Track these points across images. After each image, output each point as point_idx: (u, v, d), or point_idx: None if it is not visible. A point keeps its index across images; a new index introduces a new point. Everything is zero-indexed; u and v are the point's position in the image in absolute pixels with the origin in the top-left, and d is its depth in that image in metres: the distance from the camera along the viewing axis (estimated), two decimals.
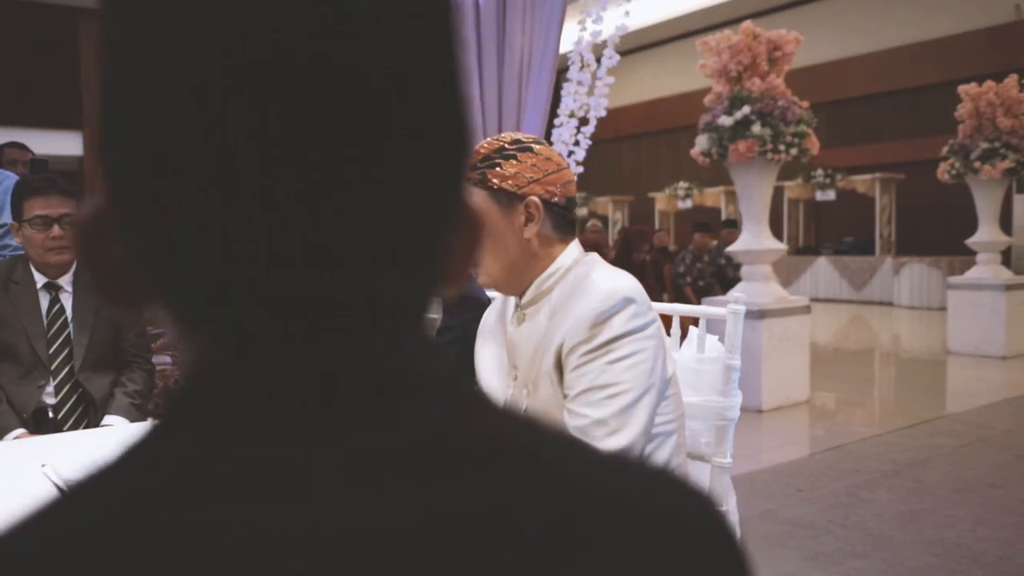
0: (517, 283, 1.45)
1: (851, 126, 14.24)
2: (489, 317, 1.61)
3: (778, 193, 13.71)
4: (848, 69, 14.25)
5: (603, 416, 1.29)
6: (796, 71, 14.01)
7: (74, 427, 2.31)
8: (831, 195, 13.38)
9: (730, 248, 5.72)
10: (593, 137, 4.09)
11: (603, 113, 4.01)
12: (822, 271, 13.15)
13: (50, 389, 2.31)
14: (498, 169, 1.40)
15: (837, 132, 14.16)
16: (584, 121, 4.04)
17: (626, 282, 1.35)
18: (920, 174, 11.58)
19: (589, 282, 1.36)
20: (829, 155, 13.79)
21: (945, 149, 7.45)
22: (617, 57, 3.99)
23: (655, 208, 16.31)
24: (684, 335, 1.70)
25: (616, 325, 1.31)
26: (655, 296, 6.12)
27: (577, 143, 4.05)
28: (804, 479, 3.82)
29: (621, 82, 18.97)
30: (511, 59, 3.86)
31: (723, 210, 14.11)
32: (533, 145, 1.42)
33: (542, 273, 1.43)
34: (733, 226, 7.92)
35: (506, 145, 1.42)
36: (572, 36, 4.02)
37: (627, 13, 3.83)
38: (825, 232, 14.74)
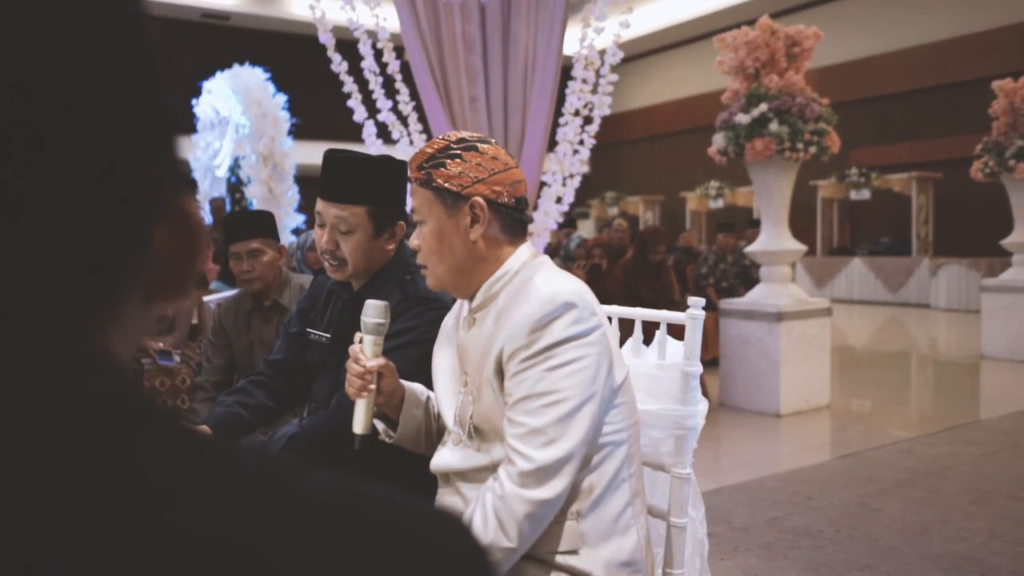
0: (465, 286, 1.41)
1: (886, 124, 13.93)
2: (448, 320, 1.57)
3: (811, 192, 13.45)
4: (883, 66, 13.93)
5: (540, 425, 1.24)
6: (829, 68, 13.76)
7: None
8: (866, 194, 13.09)
9: (748, 249, 5.61)
10: (625, 136, 4.07)
11: (607, 111, 3.94)
12: (857, 272, 12.87)
13: None
14: (443, 169, 1.36)
15: (872, 130, 13.86)
16: (588, 120, 3.97)
17: (568, 286, 1.30)
18: (958, 173, 11.26)
19: (531, 286, 1.32)
20: (864, 153, 13.51)
21: (979, 147, 7.22)
22: (620, 54, 3.92)
23: (686, 208, 16.12)
24: (648, 340, 1.64)
25: (556, 331, 1.26)
26: (677, 298, 6.02)
27: (582, 142, 3.99)
28: (815, 487, 3.72)
29: (654, 80, 18.85)
30: (516, 57, 3.82)
31: (755, 210, 13.88)
32: (479, 144, 1.38)
33: (491, 276, 1.39)
34: (759, 226, 7.77)
35: (452, 144, 1.38)
36: (576, 36, 3.97)
37: (630, 9, 3.76)
38: (860, 232, 14.42)
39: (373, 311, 1.43)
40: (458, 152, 1.37)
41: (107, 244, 0.34)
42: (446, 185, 1.35)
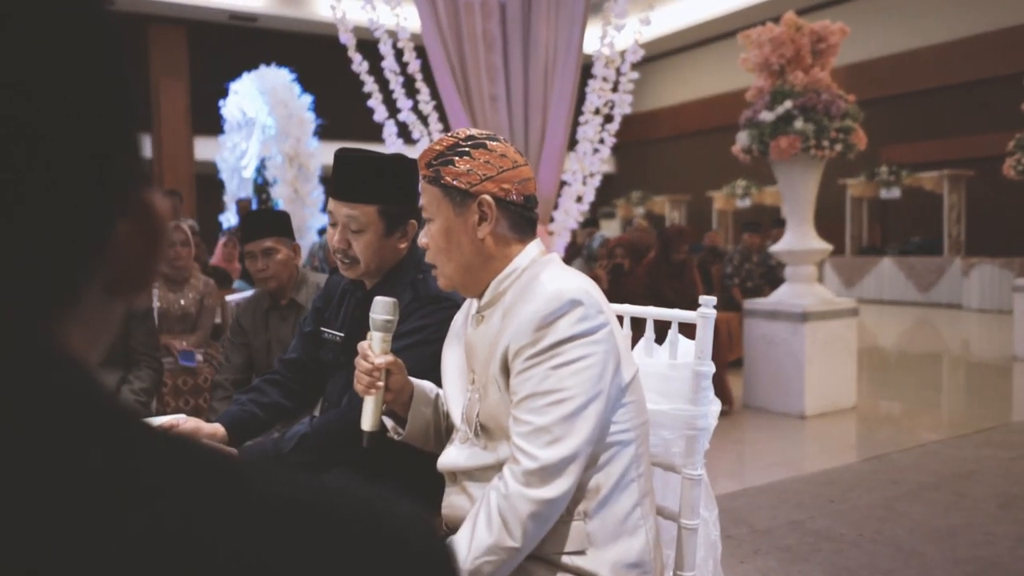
0: (474, 284, 1.41)
1: (916, 121, 13.70)
2: (458, 318, 1.57)
3: (840, 191, 13.27)
4: (913, 62, 13.71)
5: (545, 423, 1.23)
6: (859, 65, 13.54)
7: None
8: (896, 193, 12.88)
9: (773, 248, 5.54)
10: (650, 136, 4.04)
11: (628, 110, 3.91)
12: (887, 272, 12.67)
13: None
14: (451, 166, 1.36)
15: (902, 127, 13.64)
16: (609, 119, 3.95)
17: (574, 284, 1.29)
18: (991, 170, 11.04)
19: (537, 284, 1.31)
20: (894, 151, 13.30)
21: (1011, 143, 7.08)
22: (641, 52, 3.89)
23: (713, 207, 15.99)
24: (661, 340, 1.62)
25: (561, 328, 1.25)
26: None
27: (602, 141, 3.97)
28: (838, 489, 3.66)
29: (680, 79, 18.69)
30: (536, 56, 3.81)
31: (782, 209, 13.72)
32: (488, 141, 1.37)
33: (499, 274, 1.38)
34: (784, 225, 7.67)
35: (461, 141, 1.37)
36: (597, 34, 3.95)
37: (651, 7, 3.74)
38: (890, 232, 14.20)
39: (381, 308, 1.43)
40: (467, 149, 1.36)
41: (93, 241, 0.34)
42: (454, 183, 1.35)
